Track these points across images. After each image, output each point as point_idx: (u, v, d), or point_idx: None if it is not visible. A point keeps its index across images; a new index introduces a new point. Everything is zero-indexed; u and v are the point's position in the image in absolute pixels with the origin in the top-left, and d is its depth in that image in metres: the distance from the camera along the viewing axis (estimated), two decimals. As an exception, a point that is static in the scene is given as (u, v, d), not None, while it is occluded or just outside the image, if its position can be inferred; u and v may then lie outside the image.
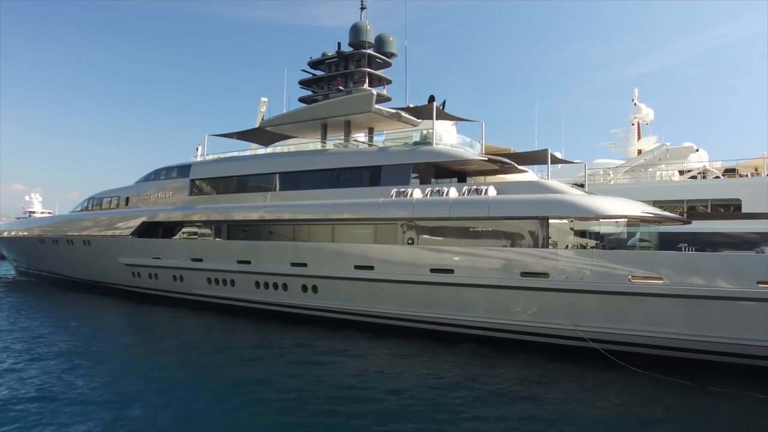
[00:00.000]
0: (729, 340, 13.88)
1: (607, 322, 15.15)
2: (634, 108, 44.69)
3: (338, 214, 20.54)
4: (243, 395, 12.12)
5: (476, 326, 17.12)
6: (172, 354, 16.37)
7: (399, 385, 12.99)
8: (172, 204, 27.14)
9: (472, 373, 14.12)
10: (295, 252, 21.16)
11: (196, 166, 27.40)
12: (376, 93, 22.89)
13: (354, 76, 25.38)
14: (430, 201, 18.44)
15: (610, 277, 15.10)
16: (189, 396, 12.08)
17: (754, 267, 13.93)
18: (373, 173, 21.02)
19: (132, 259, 27.44)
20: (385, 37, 25.77)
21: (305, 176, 22.96)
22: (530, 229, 16.89)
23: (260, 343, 17.70)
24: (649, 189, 30.10)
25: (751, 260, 14.61)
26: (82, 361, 14.82)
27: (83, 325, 20.80)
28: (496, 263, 16.80)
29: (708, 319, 14.08)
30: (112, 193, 31.19)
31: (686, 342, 14.36)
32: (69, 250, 32.07)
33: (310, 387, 12.78)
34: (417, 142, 21.84)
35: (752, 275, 13.67)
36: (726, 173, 31.75)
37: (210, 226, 25.15)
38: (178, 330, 20.45)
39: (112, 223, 29.29)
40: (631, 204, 17.13)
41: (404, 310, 18.33)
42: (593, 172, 35.07)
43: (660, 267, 14.73)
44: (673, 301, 14.39)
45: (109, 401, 11.51)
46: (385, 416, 10.86)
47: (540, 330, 16.19)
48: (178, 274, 25.30)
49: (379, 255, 18.96)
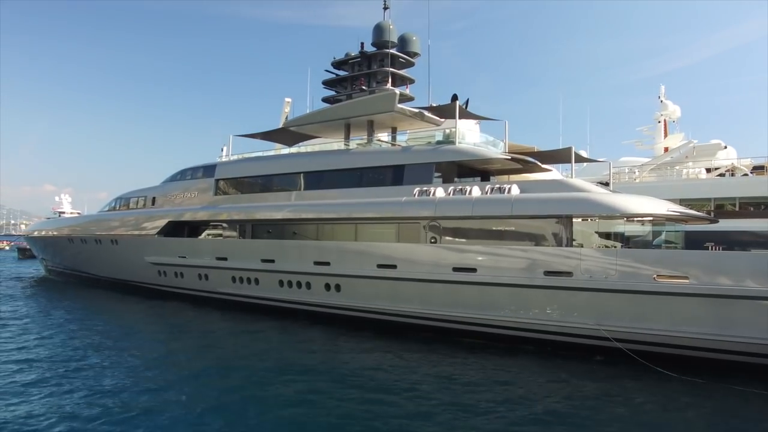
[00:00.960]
0: (757, 340, 13.68)
1: (632, 322, 15.01)
2: (660, 105, 43.99)
3: (361, 214, 20.64)
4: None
5: (500, 325, 17.09)
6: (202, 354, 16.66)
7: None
8: (197, 204, 27.52)
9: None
10: (318, 251, 21.31)
11: (221, 167, 27.73)
12: (399, 92, 22.94)
13: (377, 76, 25.48)
14: (453, 200, 18.44)
15: (634, 276, 14.97)
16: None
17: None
18: (396, 172, 21.08)
19: (158, 258, 27.89)
20: (408, 37, 25.80)
21: (328, 176, 23.09)
22: (553, 228, 16.82)
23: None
24: (675, 187, 29.65)
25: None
26: (109, 357, 15.19)
27: (110, 322, 21.32)
28: (520, 262, 16.74)
29: (735, 319, 13.88)
30: (139, 194, 31.72)
31: (713, 342, 14.18)
32: (97, 250, 32.69)
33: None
34: (440, 141, 21.86)
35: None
36: (755, 170, 31.12)
37: (234, 225, 25.47)
38: (204, 329, 20.76)
39: (139, 222, 29.79)
40: (657, 202, 16.93)
41: (427, 309, 18.36)
42: (618, 170, 34.63)
43: (686, 266, 14.55)
44: (699, 300, 14.21)
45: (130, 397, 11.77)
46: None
47: (564, 329, 16.10)
48: (203, 273, 25.65)
49: (402, 254, 19.01)
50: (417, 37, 26.10)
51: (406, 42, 25.68)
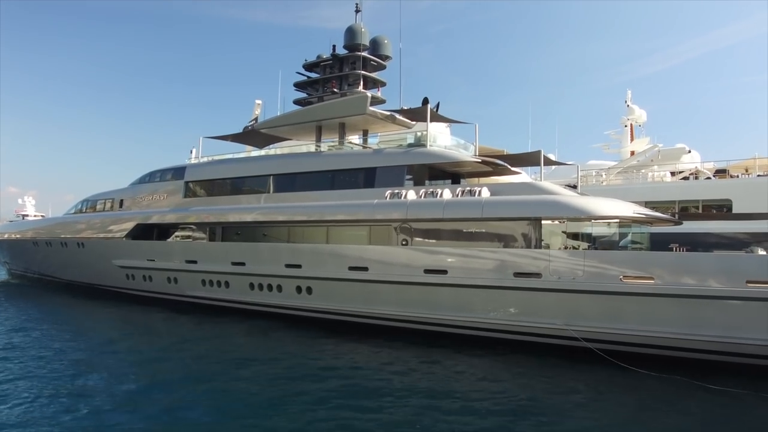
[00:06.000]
0: (720, 339, 14.06)
1: (600, 322, 15.30)
2: (627, 110, 45.01)
3: (333, 216, 20.62)
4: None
5: (472, 326, 17.24)
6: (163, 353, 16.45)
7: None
8: (166, 206, 27.16)
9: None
10: (289, 253, 21.23)
11: (190, 169, 27.43)
12: (370, 95, 23.03)
13: (349, 79, 25.50)
14: (424, 202, 18.56)
15: (601, 277, 15.26)
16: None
17: (742, 266, 14.13)
18: (367, 175, 21.12)
19: (126, 261, 27.45)
20: (380, 40, 25.90)
21: (300, 178, 23.02)
22: (523, 230, 17.04)
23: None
24: (641, 190, 30.32)
25: (739, 260, 14.83)
26: (73, 362, 14.88)
27: (74, 327, 20.87)
28: (489, 264, 16.93)
29: (699, 318, 14.25)
30: (106, 196, 31.19)
31: (678, 341, 14.53)
32: (62, 253, 32.03)
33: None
34: (411, 144, 21.96)
35: (741, 275, 13.86)
36: (717, 174, 32.01)
37: (204, 228, 25.21)
38: (172, 332, 20.49)
39: (106, 225, 29.28)
40: (623, 205, 17.29)
41: (400, 311, 18.44)
42: (586, 173, 35.27)
43: (651, 267, 14.90)
44: (664, 300, 14.56)
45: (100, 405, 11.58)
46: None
47: (534, 330, 16.33)
48: (172, 276, 25.33)
49: (374, 256, 19.06)
50: (389, 41, 26.23)
51: (378, 45, 25.78)
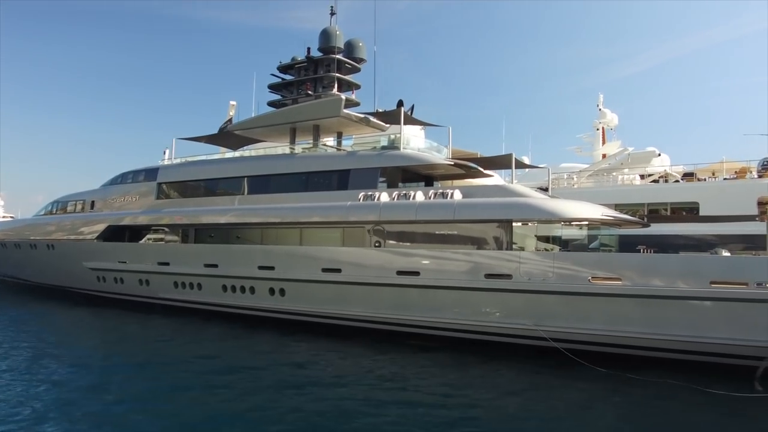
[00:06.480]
0: (686, 338, 14.37)
1: (568, 322, 15.54)
2: (599, 113, 45.65)
3: (306, 218, 20.66)
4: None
5: (444, 327, 17.39)
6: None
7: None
8: (138, 208, 26.89)
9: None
10: (262, 255, 21.20)
11: (163, 170, 27.21)
12: (344, 98, 23.11)
13: (323, 81, 25.51)
14: (397, 204, 18.68)
15: (571, 278, 15.52)
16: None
17: (706, 267, 14.48)
18: (341, 177, 21.19)
19: (97, 264, 27.10)
20: (354, 43, 25.96)
21: (274, 180, 22.99)
22: (494, 232, 17.26)
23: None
24: (611, 193, 30.75)
25: (703, 261, 15.20)
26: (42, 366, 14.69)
27: (37, 330, 20.59)
28: (461, 265, 17.10)
29: (665, 318, 14.55)
30: (77, 197, 30.74)
31: (645, 340, 14.82)
32: (32, 255, 31.50)
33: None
34: (385, 147, 22.06)
35: (705, 275, 14.20)
36: (685, 177, 32.62)
37: (177, 229, 25.04)
38: (143, 335, 20.31)
39: (77, 227, 28.89)
40: (592, 207, 17.58)
41: (373, 313, 18.52)
42: (558, 176, 35.70)
43: (619, 268, 15.19)
44: (631, 301, 14.85)
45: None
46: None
47: (505, 330, 16.52)
48: (144, 278, 25.09)
49: (347, 258, 19.12)
50: (363, 44, 26.29)
51: (352, 48, 25.83)
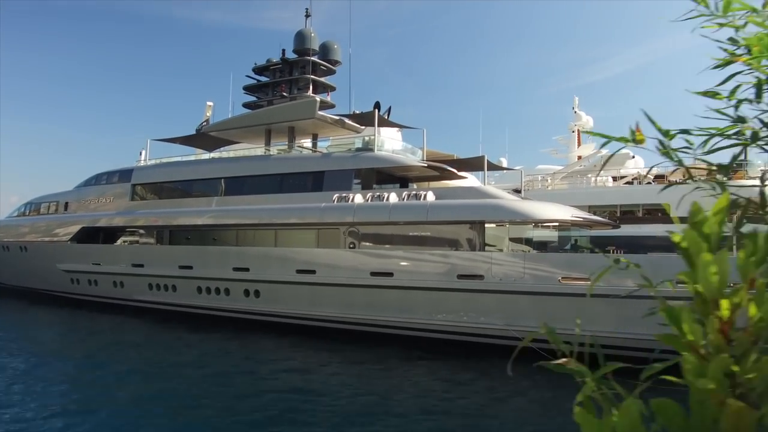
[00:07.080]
0: (647, 336, 14.67)
1: (538, 322, 15.73)
2: (574, 116, 46.19)
3: (281, 219, 20.70)
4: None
5: (418, 327, 17.54)
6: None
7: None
8: (113, 209, 26.70)
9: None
10: (237, 257, 21.20)
11: (138, 171, 27.04)
12: (319, 99, 23.21)
13: (298, 83, 25.58)
14: (371, 206, 18.82)
15: (541, 278, 15.79)
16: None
17: (669, 267, 14.77)
18: (316, 179, 21.26)
19: (71, 265, 26.84)
20: (329, 45, 26.07)
21: (249, 181, 22.98)
22: (467, 233, 17.48)
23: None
24: (585, 195, 31.14)
25: (666, 260, 15.52)
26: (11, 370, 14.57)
27: (15, 333, 20.32)
28: (434, 266, 17.29)
29: (630, 316, 14.85)
30: (51, 198, 30.42)
31: (613, 339, 15.10)
32: (4, 257, 31.09)
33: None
34: (359, 149, 22.19)
35: (668, 275, 14.49)
36: (657, 179, 33.17)
37: (152, 231, 24.93)
38: (117, 339, 20.18)
39: (51, 228, 28.60)
40: (562, 209, 17.87)
41: (348, 314, 18.63)
42: (533, 178, 36.10)
43: (588, 269, 15.47)
44: (598, 300, 15.13)
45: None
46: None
47: (477, 330, 16.72)
48: (118, 280, 24.92)
49: (321, 259, 19.21)
50: (338, 46, 26.42)
51: (327, 50, 25.94)
